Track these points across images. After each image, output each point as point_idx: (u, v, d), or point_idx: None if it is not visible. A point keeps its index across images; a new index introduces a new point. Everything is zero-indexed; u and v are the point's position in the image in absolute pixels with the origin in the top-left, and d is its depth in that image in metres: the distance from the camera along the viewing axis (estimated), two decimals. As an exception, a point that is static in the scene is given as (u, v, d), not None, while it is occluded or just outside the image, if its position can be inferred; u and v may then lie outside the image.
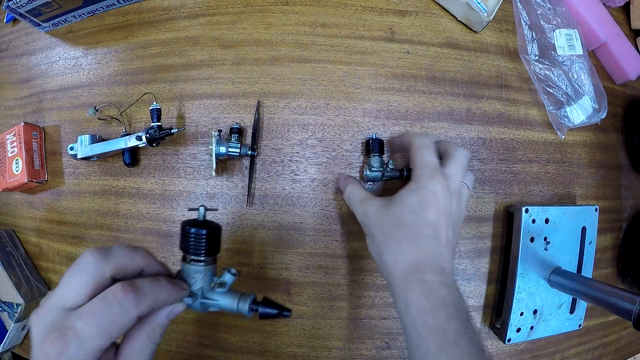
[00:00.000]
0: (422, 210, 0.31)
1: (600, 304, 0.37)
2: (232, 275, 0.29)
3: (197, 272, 0.28)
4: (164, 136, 0.41)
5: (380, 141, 0.40)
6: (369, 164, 0.40)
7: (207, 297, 0.28)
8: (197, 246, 0.27)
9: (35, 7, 0.45)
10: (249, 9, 0.45)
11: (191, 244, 0.27)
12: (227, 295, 0.29)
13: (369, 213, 0.33)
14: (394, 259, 0.31)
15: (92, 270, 0.23)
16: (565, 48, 0.45)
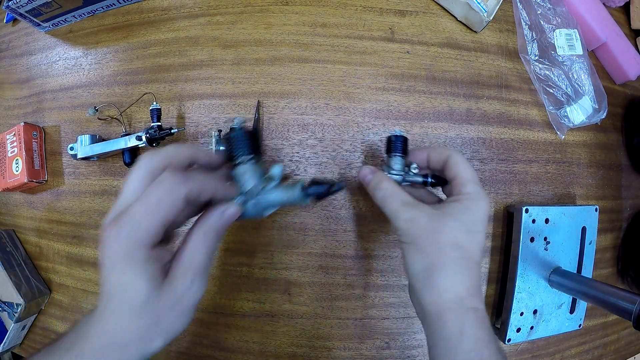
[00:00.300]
0: (477, 232, 0.29)
1: (600, 304, 0.37)
2: (280, 168, 0.30)
3: (244, 172, 0.29)
4: (164, 136, 0.41)
5: (404, 139, 0.34)
6: (389, 165, 0.34)
7: (259, 196, 0.29)
8: (237, 147, 0.29)
9: (35, 7, 0.45)
10: (249, 9, 0.45)
11: (233, 147, 0.29)
12: (277, 189, 0.30)
13: (419, 221, 0.29)
14: (450, 282, 0.27)
15: (145, 166, 0.25)
16: (565, 48, 0.45)
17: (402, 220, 0.30)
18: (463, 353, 0.26)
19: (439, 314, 0.27)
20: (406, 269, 0.30)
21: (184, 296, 0.25)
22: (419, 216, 0.29)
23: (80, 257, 0.47)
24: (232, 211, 0.27)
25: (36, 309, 0.49)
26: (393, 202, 0.31)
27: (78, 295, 0.48)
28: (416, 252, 0.29)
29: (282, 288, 0.43)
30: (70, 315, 0.48)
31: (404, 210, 0.30)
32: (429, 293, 0.28)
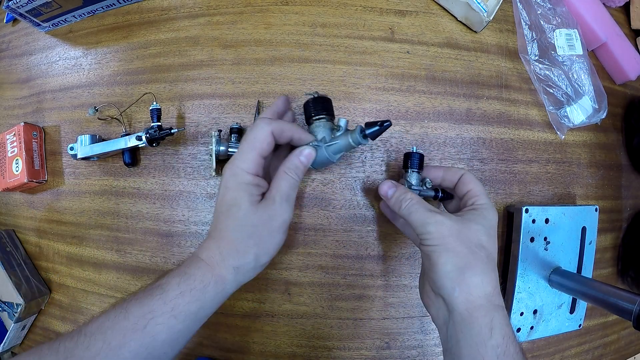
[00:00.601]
0: (494, 236, 0.32)
1: (600, 304, 0.37)
2: (345, 120, 0.36)
3: (318, 126, 0.36)
4: (164, 136, 0.41)
5: (421, 156, 0.38)
6: (408, 180, 0.38)
7: (328, 142, 0.36)
8: (315, 108, 0.36)
9: (35, 7, 0.45)
10: (249, 9, 0.45)
11: (311, 108, 0.37)
12: (343, 136, 0.35)
13: (447, 224, 0.31)
14: (480, 280, 0.30)
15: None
16: (565, 48, 0.45)
17: (431, 224, 0.31)
18: (492, 348, 0.28)
19: (469, 311, 0.29)
20: (433, 270, 0.31)
21: (275, 215, 0.32)
22: (445, 220, 0.31)
23: (80, 257, 0.47)
24: (308, 151, 0.34)
25: (36, 309, 0.49)
26: (420, 210, 0.33)
27: (78, 295, 0.48)
28: (447, 253, 0.30)
29: (282, 288, 0.43)
30: (70, 315, 0.48)
31: (431, 215, 0.32)
32: (461, 290, 0.29)
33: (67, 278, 0.48)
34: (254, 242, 0.32)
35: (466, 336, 0.29)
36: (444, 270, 0.30)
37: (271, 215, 0.32)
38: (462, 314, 0.29)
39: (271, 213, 0.32)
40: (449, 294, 0.30)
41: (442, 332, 0.32)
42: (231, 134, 0.41)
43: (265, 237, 0.32)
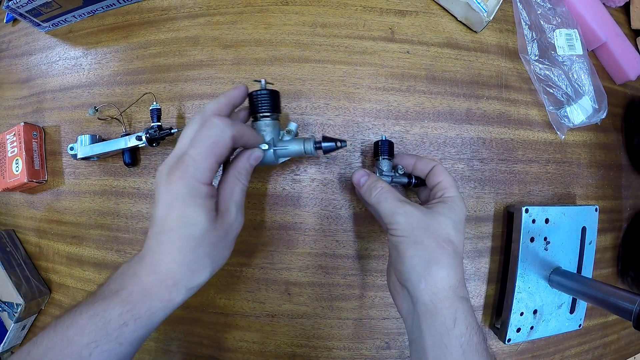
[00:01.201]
0: (461, 231, 0.32)
1: (600, 304, 0.37)
2: (296, 124, 0.35)
3: (267, 126, 0.34)
4: (164, 136, 0.41)
5: (390, 143, 0.38)
6: (379, 168, 0.38)
7: (278, 146, 0.34)
8: (263, 104, 0.34)
9: (35, 7, 0.45)
10: (249, 9, 0.45)
11: (258, 104, 0.34)
12: (293, 142, 0.35)
13: (416, 216, 0.31)
14: (446, 272, 0.30)
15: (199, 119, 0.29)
16: (565, 48, 0.45)
17: (400, 214, 0.31)
18: (456, 338, 0.28)
19: (434, 302, 0.29)
20: (399, 262, 0.31)
21: (231, 228, 0.30)
22: (414, 212, 0.31)
23: (80, 257, 0.47)
24: (258, 154, 0.32)
25: (36, 309, 0.49)
26: (389, 199, 0.32)
27: (78, 295, 0.48)
28: (415, 246, 0.30)
29: (282, 288, 0.43)
30: (70, 315, 0.48)
31: (400, 205, 0.32)
32: (427, 283, 0.29)
33: (67, 278, 0.48)
34: (210, 261, 0.29)
35: (430, 326, 0.29)
36: (411, 263, 0.30)
37: (227, 230, 0.29)
38: (427, 305, 0.29)
39: (228, 227, 0.29)
40: (414, 286, 0.30)
41: (407, 323, 0.32)
42: None
43: (221, 252, 0.30)
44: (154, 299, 0.27)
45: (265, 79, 0.34)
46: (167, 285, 0.27)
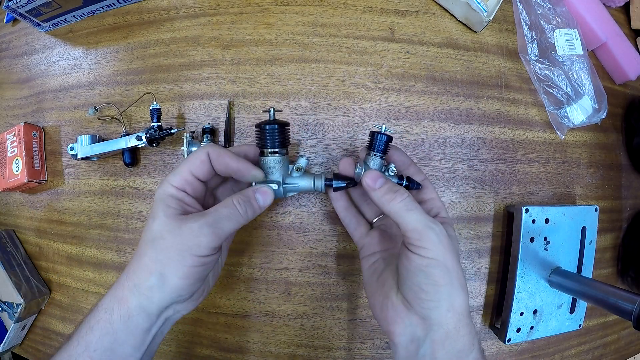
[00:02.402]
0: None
1: (600, 304, 0.37)
2: (306, 159, 0.34)
3: (275, 162, 0.32)
4: (164, 136, 0.41)
5: (388, 139, 0.32)
6: (367, 163, 0.33)
7: (287, 183, 0.33)
8: (272, 140, 0.32)
9: (35, 7, 0.45)
10: (249, 9, 0.45)
11: (267, 139, 0.32)
12: (303, 178, 0.33)
13: (445, 236, 0.28)
14: (463, 298, 0.28)
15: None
16: (565, 48, 0.45)
17: (434, 231, 0.27)
18: (478, 352, 0.28)
19: (457, 329, 0.27)
20: (426, 285, 0.27)
21: (188, 234, 0.27)
22: (443, 232, 0.28)
23: (80, 257, 0.47)
24: (266, 190, 0.31)
25: (36, 309, 0.49)
26: (418, 210, 0.28)
27: (78, 295, 0.48)
28: (447, 272, 0.27)
29: (282, 288, 0.43)
30: (70, 315, 0.48)
31: (432, 220, 0.28)
32: (454, 310, 0.27)
33: (67, 278, 0.48)
34: (159, 259, 0.27)
35: (449, 353, 0.27)
36: (444, 292, 0.27)
37: (183, 233, 0.27)
38: (450, 332, 0.27)
39: (185, 230, 0.27)
40: (441, 313, 0.27)
41: (405, 351, 0.29)
42: (204, 134, 0.41)
43: (173, 256, 0.27)
44: (110, 297, 0.28)
45: (274, 108, 0.32)
46: (120, 282, 0.28)
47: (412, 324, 0.28)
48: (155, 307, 0.27)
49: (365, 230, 0.37)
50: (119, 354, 0.27)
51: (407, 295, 0.29)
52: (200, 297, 0.32)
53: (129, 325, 0.27)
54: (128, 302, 0.27)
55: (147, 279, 0.27)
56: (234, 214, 0.29)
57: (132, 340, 0.27)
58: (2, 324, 0.47)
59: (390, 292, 0.30)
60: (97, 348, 0.26)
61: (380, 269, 0.33)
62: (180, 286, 0.27)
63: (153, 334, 0.28)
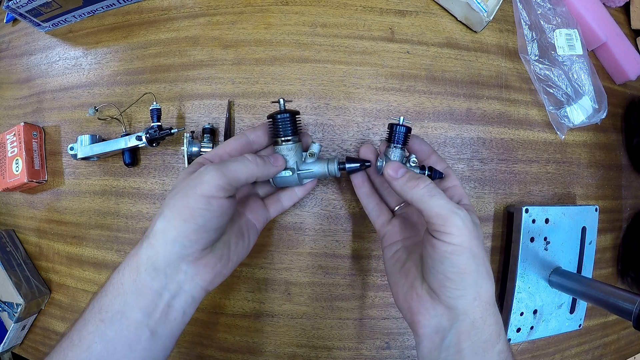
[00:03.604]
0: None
1: (600, 304, 0.37)
2: (319, 145, 0.34)
3: (289, 150, 0.33)
4: (164, 136, 0.41)
5: (407, 130, 0.33)
6: (388, 156, 0.33)
7: (302, 169, 0.34)
8: (284, 128, 0.33)
9: (35, 7, 0.45)
10: (249, 9, 0.45)
11: (279, 128, 0.33)
12: (317, 163, 0.34)
13: (470, 222, 0.26)
14: (490, 284, 0.27)
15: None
16: (565, 48, 0.45)
17: (459, 216, 0.26)
18: (498, 354, 0.27)
19: (484, 318, 0.27)
20: (451, 273, 0.26)
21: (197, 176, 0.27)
22: (470, 217, 0.27)
23: (80, 257, 0.47)
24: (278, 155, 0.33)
25: (36, 309, 0.49)
26: (442, 196, 0.27)
27: (78, 295, 0.48)
28: (473, 259, 0.26)
29: (282, 288, 0.43)
30: (70, 315, 0.48)
31: (456, 206, 0.27)
32: (480, 299, 0.27)
33: (67, 278, 0.48)
34: (166, 203, 0.27)
35: (475, 344, 0.26)
36: (471, 279, 0.26)
37: (192, 176, 0.27)
38: (476, 321, 0.26)
39: (194, 174, 0.27)
40: (467, 302, 0.26)
41: (429, 342, 0.28)
42: (204, 134, 0.41)
43: (179, 197, 0.27)
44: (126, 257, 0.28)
45: (284, 98, 0.33)
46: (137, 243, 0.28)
47: (437, 314, 0.28)
48: (161, 259, 0.26)
49: (387, 219, 0.36)
50: (130, 318, 0.26)
51: (433, 284, 0.28)
52: (219, 265, 0.29)
53: (137, 284, 0.26)
54: (137, 257, 0.27)
55: (153, 224, 0.27)
56: (243, 159, 0.29)
57: (141, 302, 0.26)
58: (2, 324, 0.47)
59: (414, 282, 0.29)
60: (109, 310, 0.26)
61: (404, 258, 0.32)
62: (182, 230, 0.26)
63: (166, 300, 0.27)
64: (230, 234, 0.31)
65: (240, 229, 0.33)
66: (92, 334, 0.25)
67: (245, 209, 0.35)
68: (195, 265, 0.28)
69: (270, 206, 0.37)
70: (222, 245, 0.30)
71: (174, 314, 0.27)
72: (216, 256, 0.29)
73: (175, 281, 0.27)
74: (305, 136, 0.36)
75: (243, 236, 0.33)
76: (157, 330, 0.27)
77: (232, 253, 0.31)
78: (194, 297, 0.28)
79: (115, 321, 0.26)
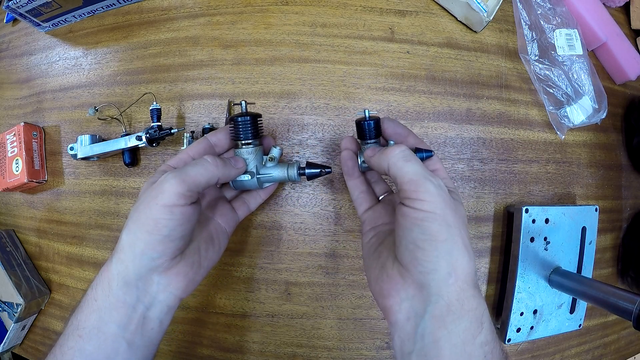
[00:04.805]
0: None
1: (600, 304, 0.37)
2: (279, 149, 0.34)
3: (249, 154, 0.33)
4: (164, 136, 0.41)
5: (376, 122, 0.32)
6: (364, 153, 0.32)
7: (261, 173, 0.34)
8: (245, 131, 0.32)
9: (35, 7, 0.45)
10: (249, 9, 0.45)
11: (240, 131, 0.32)
12: (277, 168, 0.34)
13: (445, 192, 0.25)
14: (467, 261, 0.24)
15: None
16: (565, 48, 0.45)
17: (432, 183, 0.24)
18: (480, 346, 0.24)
19: (460, 301, 0.24)
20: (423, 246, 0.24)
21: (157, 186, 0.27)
22: (443, 187, 0.25)
23: (80, 257, 0.47)
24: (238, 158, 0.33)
25: (36, 309, 0.49)
26: (417, 162, 0.26)
27: (78, 295, 0.48)
28: (447, 227, 0.24)
29: (282, 288, 0.43)
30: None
31: (430, 173, 0.25)
32: (456, 276, 0.24)
33: (67, 278, 0.48)
34: (131, 217, 0.27)
35: (451, 333, 0.23)
36: (443, 249, 0.24)
37: (153, 187, 0.27)
38: (452, 304, 0.23)
39: (155, 185, 0.27)
40: (440, 280, 0.24)
41: (402, 332, 0.25)
42: (204, 134, 0.41)
43: (142, 209, 0.26)
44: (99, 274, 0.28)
45: (246, 101, 0.33)
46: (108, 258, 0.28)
47: (408, 296, 0.25)
48: (131, 273, 0.26)
49: (369, 206, 0.35)
50: (106, 333, 0.26)
51: (403, 259, 0.25)
52: (190, 272, 0.29)
53: (110, 299, 0.26)
54: (108, 272, 0.27)
55: (120, 239, 0.27)
56: (203, 161, 0.28)
57: (116, 317, 0.26)
58: (2, 324, 0.47)
59: (386, 262, 0.28)
60: (85, 326, 0.26)
61: (378, 242, 0.31)
62: (147, 242, 0.26)
63: (140, 312, 0.27)
64: (199, 240, 0.31)
65: (209, 234, 0.33)
66: (72, 349, 0.26)
67: (214, 213, 0.35)
68: (166, 275, 0.28)
69: (238, 209, 0.37)
70: (192, 252, 0.30)
71: (150, 325, 0.28)
72: (187, 264, 0.29)
73: (148, 293, 0.27)
74: (267, 140, 0.36)
75: (213, 241, 0.33)
76: (134, 342, 0.27)
77: (202, 259, 0.31)
78: (169, 306, 0.29)
79: (92, 336, 0.26)
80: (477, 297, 0.24)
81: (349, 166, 0.34)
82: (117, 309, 0.26)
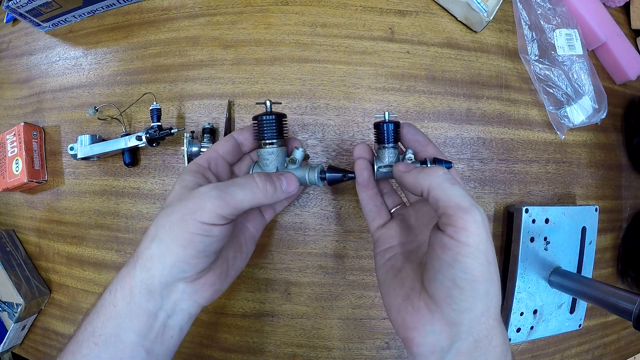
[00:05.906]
0: None
1: (600, 304, 0.37)
2: (302, 151, 0.33)
3: (270, 154, 0.32)
4: (164, 136, 0.41)
5: (396, 126, 0.30)
6: (381, 159, 0.31)
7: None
8: (269, 130, 0.31)
9: (35, 7, 0.45)
10: (249, 9, 0.45)
11: (264, 130, 0.31)
12: (298, 170, 0.32)
13: (485, 221, 0.23)
14: (500, 299, 0.24)
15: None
16: (565, 48, 0.45)
17: (478, 212, 0.22)
18: None
19: (489, 338, 0.23)
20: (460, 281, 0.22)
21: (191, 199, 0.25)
22: (485, 218, 0.23)
23: (80, 257, 0.47)
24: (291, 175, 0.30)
25: (36, 309, 0.49)
26: (462, 188, 0.24)
27: (78, 295, 0.48)
28: (487, 265, 0.22)
29: (282, 288, 0.43)
30: (70, 315, 0.48)
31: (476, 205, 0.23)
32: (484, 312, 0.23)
33: (67, 278, 0.48)
34: (162, 224, 0.25)
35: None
36: (480, 289, 0.22)
37: (190, 197, 0.25)
38: (480, 341, 0.23)
39: (193, 194, 0.25)
40: (474, 317, 0.22)
41: None
42: (204, 134, 0.41)
43: (175, 220, 0.25)
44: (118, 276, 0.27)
45: (270, 100, 0.32)
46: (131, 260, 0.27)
47: (435, 331, 0.23)
48: (157, 282, 0.25)
49: (383, 222, 0.33)
50: (125, 341, 0.25)
51: (437, 294, 0.23)
52: (217, 282, 0.28)
53: (131, 306, 0.25)
54: (130, 279, 0.25)
55: (147, 247, 0.25)
56: (250, 184, 0.26)
57: (136, 325, 0.25)
58: (2, 324, 0.47)
59: (411, 292, 0.26)
60: (102, 333, 0.25)
61: (399, 265, 0.29)
62: (181, 256, 0.25)
63: (162, 320, 0.26)
64: (228, 249, 0.30)
65: (238, 242, 0.32)
66: (86, 356, 0.25)
67: (245, 219, 0.34)
68: (193, 285, 0.27)
69: (265, 212, 0.36)
70: (220, 262, 0.29)
71: (170, 332, 0.27)
72: (215, 274, 0.28)
73: (171, 301, 0.26)
74: (292, 141, 0.35)
75: (241, 249, 0.32)
76: (153, 350, 0.26)
77: (230, 268, 0.30)
78: (190, 314, 0.28)
79: (109, 344, 0.25)
80: (503, 333, 0.24)
81: (364, 177, 0.31)
82: (138, 316, 0.25)
